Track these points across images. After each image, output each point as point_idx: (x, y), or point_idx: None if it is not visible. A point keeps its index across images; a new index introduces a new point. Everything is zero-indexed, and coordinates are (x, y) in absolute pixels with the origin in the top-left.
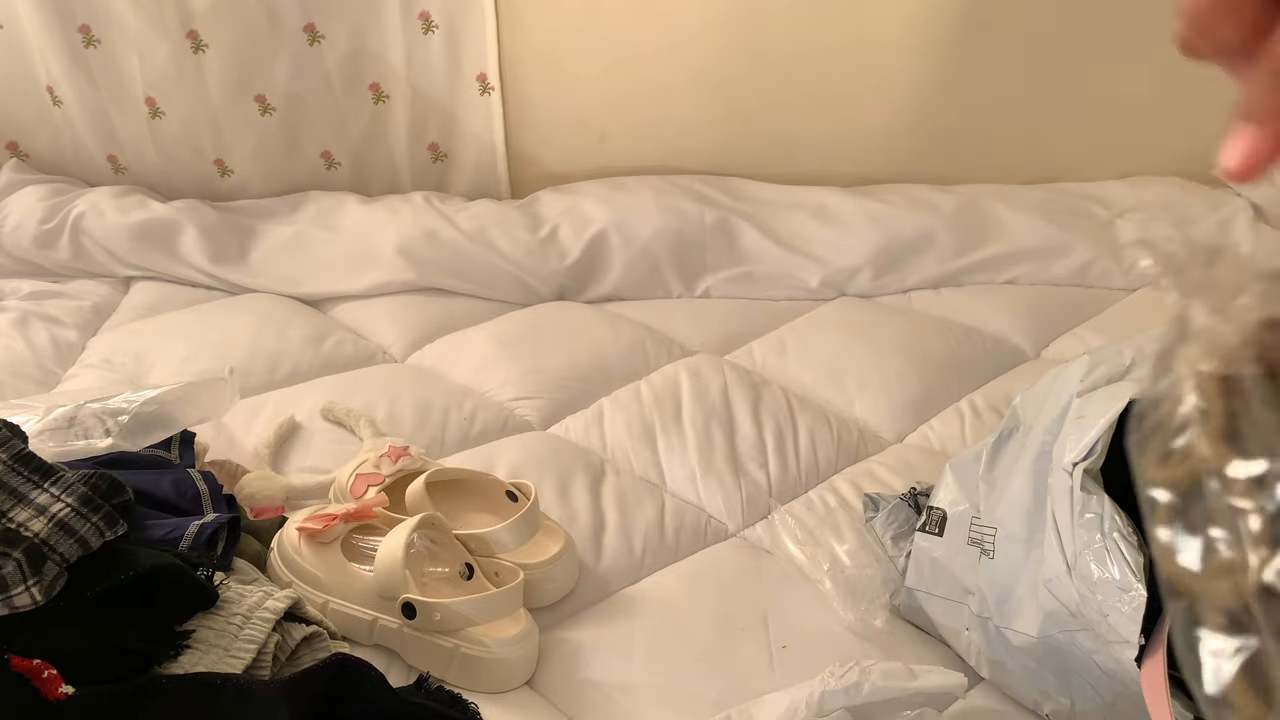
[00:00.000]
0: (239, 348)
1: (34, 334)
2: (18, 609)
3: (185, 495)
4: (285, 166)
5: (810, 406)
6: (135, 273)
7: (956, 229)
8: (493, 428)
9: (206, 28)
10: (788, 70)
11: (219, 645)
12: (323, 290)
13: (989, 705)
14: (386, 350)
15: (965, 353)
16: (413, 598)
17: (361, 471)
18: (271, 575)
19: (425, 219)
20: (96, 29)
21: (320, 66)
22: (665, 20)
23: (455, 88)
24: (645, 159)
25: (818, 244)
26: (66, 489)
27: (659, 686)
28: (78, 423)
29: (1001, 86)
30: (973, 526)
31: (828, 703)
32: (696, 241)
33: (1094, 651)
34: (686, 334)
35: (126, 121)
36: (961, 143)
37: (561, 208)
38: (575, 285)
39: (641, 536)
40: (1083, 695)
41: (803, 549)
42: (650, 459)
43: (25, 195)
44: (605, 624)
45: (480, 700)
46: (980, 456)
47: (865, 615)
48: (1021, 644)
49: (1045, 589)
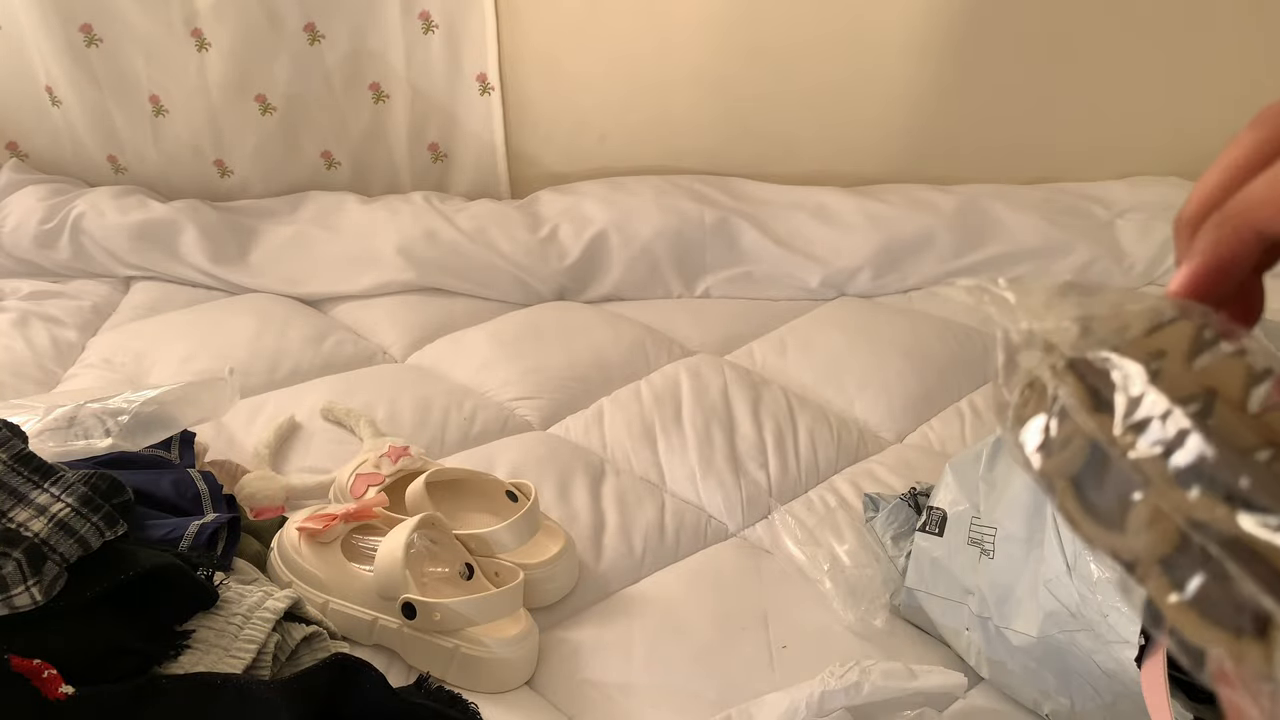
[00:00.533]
0: (239, 348)
1: (34, 334)
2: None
3: (185, 495)
4: (285, 166)
5: (810, 406)
6: (135, 273)
7: (956, 229)
8: (493, 428)
9: (209, 27)
10: (787, 70)
11: (219, 645)
12: (323, 290)
13: (989, 705)
14: (386, 350)
15: (965, 353)
16: (413, 598)
17: (361, 471)
18: (271, 575)
19: (425, 219)
20: (99, 28)
21: (320, 66)
22: (665, 20)
23: (455, 88)
24: (645, 159)
25: (818, 244)
26: (66, 489)
27: (659, 686)
28: (78, 423)
29: (1001, 86)
30: (973, 526)
31: (828, 703)
32: (696, 241)
33: (1094, 651)
34: (686, 334)
35: (127, 121)
36: (961, 143)
37: (561, 208)
38: (575, 285)
39: (641, 536)
40: (1083, 695)
41: (803, 549)
42: (650, 459)
43: (25, 195)
44: (605, 624)
45: (480, 700)
46: (980, 456)
47: (865, 615)
48: (1021, 644)
49: (1045, 589)
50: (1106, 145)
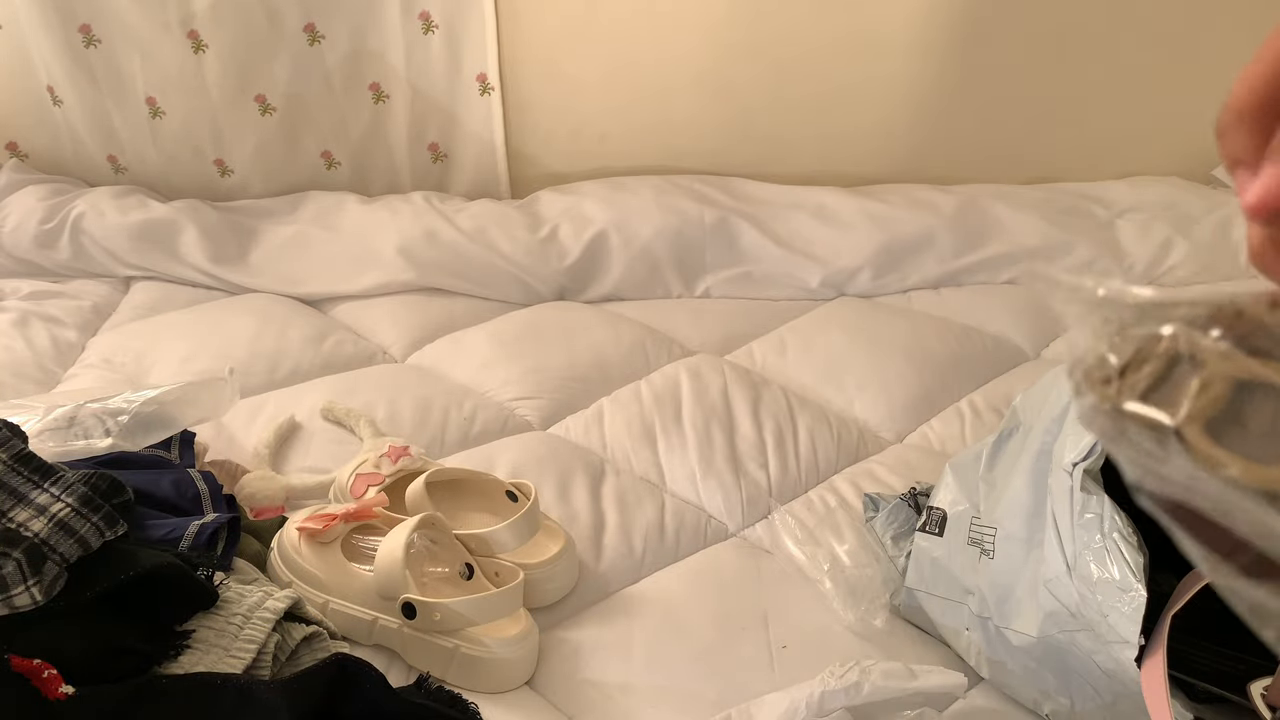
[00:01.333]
0: (239, 348)
1: (34, 334)
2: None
3: (185, 495)
4: (285, 166)
5: (810, 406)
6: (135, 273)
7: (956, 229)
8: (493, 428)
9: (206, 27)
10: (787, 70)
11: (219, 645)
12: (323, 290)
13: (989, 705)
14: (386, 350)
15: (965, 353)
16: (413, 598)
17: (361, 471)
18: (271, 575)
19: (425, 219)
20: (97, 29)
21: (320, 66)
22: (665, 20)
23: (455, 88)
24: (645, 159)
25: (818, 244)
26: (66, 489)
27: (659, 686)
28: (78, 423)
29: (1001, 86)
30: (973, 526)
31: (828, 703)
32: (696, 241)
33: (1094, 651)
34: (686, 334)
35: (127, 121)
36: (961, 143)
37: (561, 208)
38: (575, 285)
39: (641, 536)
40: (1083, 695)
41: (803, 549)
42: (650, 459)
43: (25, 195)
44: (605, 624)
45: (480, 700)
46: (980, 456)
47: (865, 615)
48: (1021, 644)
49: (1045, 589)
50: (1106, 145)
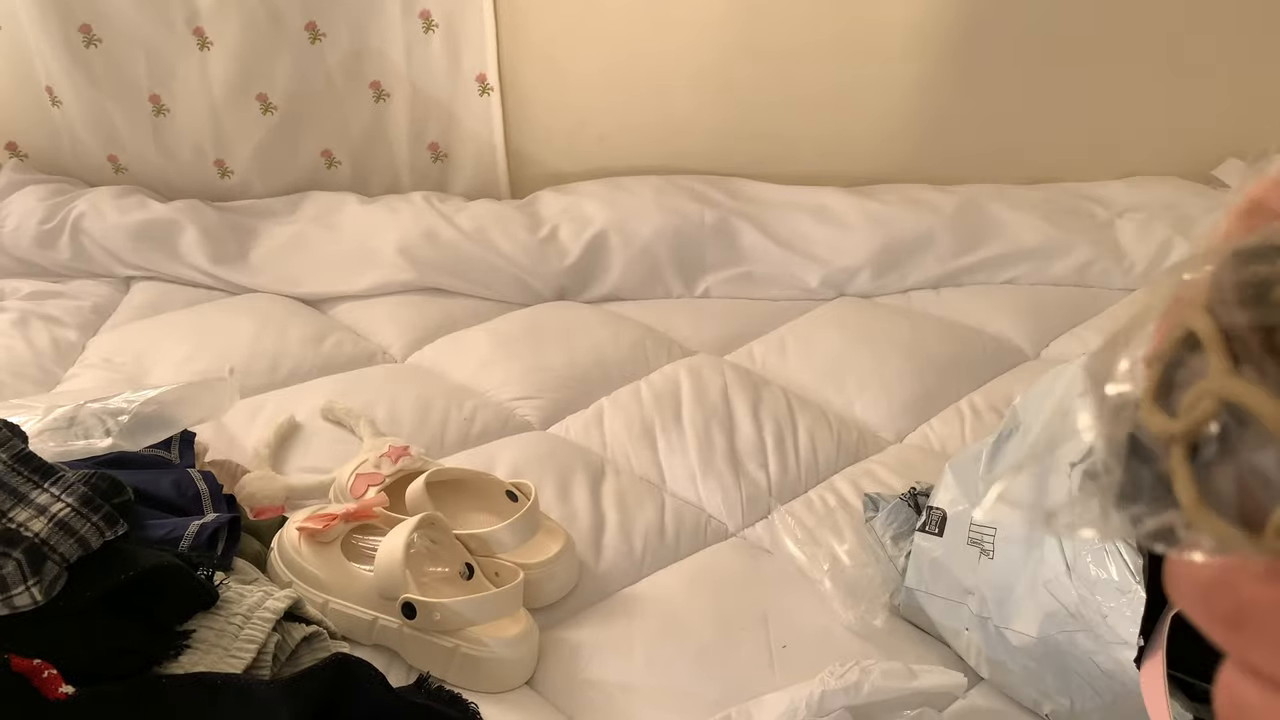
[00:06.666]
0: (239, 348)
1: (34, 334)
2: (18, 609)
3: (185, 495)
4: (286, 166)
5: (810, 406)
6: (135, 273)
7: (956, 229)
8: (493, 427)
9: (212, 25)
10: (788, 70)
11: (219, 645)
12: (323, 290)
13: (989, 705)
14: (386, 350)
15: (965, 353)
16: (413, 598)
17: (361, 471)
18: (271, 575)
19: (425, 219)
20: (98, 28)
21: (321, 65)
22: (665, 20)
23: (455, 87)
24: (645, 158)
25: (818, 244)
26: (66, 489)
27: (659, 686)
28: (78, 423)
29: (1001, 87)
30: (972, 526)
31: (828, 703)
32: (696, 241)
33: (1093, 652)
34: (686, 334)
35: (127, 121)
36: (961, 143)
37: (561, 208)
38: (575, 285)
39: (641, 536)
40: (1083, 695)
41: (803, 549)
42: (650, 459)
43: (25, 195)
44: (605, 624)
45: (480, 700)
46: (980, 456)
47: (865, 615)
48: (1021, 644)
49: (1045, 589)
50: (1106, 145)
